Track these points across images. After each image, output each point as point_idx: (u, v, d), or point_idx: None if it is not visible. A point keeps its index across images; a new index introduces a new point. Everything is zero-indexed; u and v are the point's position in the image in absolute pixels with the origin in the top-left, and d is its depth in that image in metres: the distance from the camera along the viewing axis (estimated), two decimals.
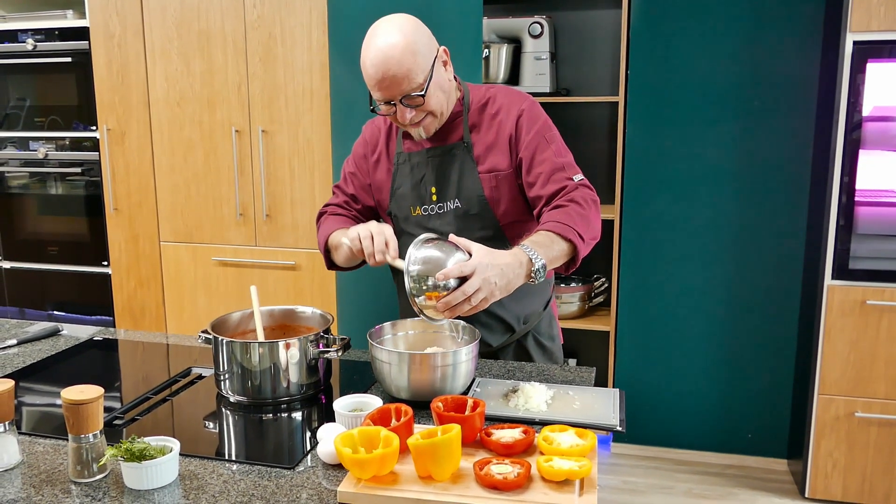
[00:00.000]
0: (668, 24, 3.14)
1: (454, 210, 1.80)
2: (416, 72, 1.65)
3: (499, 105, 1.80)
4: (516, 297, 1.78)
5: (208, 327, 1.69)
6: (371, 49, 1.66)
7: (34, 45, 3.43)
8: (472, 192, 1.78)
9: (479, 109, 1.81)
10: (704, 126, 3.18)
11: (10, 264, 3.74)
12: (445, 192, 1.81)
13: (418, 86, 1.67)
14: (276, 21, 3.12)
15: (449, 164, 1.80)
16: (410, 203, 1.84)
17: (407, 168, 1.84)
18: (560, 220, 1.62)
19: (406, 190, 1.84)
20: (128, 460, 1.25)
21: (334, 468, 1.34)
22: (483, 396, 1.60)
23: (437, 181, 1.81)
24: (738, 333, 3.29)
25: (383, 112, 1.72)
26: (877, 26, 2.67)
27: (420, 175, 1.82)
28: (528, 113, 1.78)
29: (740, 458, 3.39)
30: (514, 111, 1.78)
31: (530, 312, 1.92)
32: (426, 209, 1.82)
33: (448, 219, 1.81)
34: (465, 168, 1.79)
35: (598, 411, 1.54)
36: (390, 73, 1.64)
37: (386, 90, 1.66)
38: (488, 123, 1.80)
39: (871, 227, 2.82)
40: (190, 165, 3.35)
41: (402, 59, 1.63)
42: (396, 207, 1.86)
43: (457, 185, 1.79)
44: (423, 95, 1.68)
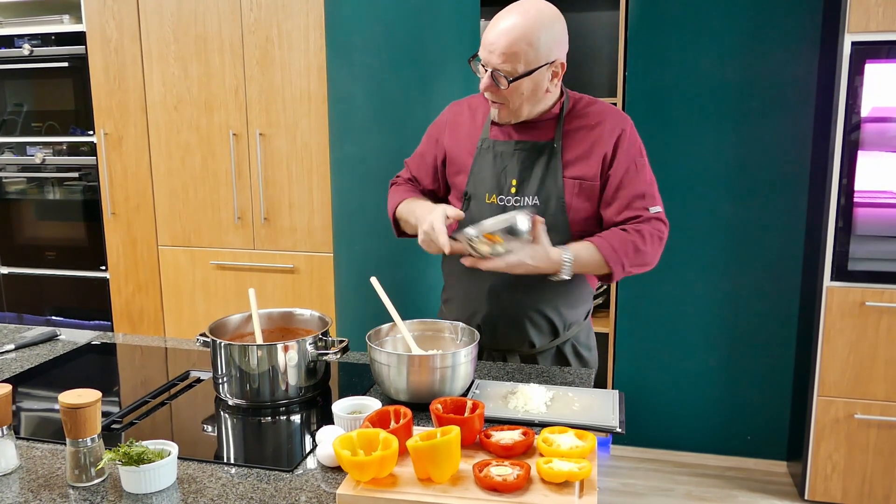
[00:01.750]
0: (665, 25, 3.14)
1: (532, 206, 1.80)
2: (519, 60, 1.68)
3: (600, 119, 1.82)
4: (568, 303, 1.86)
5: (206, 330, 1.68)
6: (505, 13, 1.70)
7: (31, 51, 3.43)
8: (552, 193, 1.79)
9: (577, 117, 1.83)
10: (703, 127, 3.18)
11: (8, 270, 3.73)
12: (525, 187, 1.81)
13: (513, 72, 1.69)
14: (273, 24, 3.12)
15: (534, 161, 1.81)
16: (488, 189, 1.84)
17: (490, 154, 1.84)
18: (614, 245, 1.74)
19: (486, 175, 1.84)
20: (126, 464, 1.24)
21: (333, 471, 1.33)
22: (482, 398, 1.59)
23: (519, 174, 1.81)
24: (737, 335, 3.29)
25: (476, 68, 1.75)
26: (875, 27, 2.67)
27: (503, 165, 1.83)
28: (628, 135, 1.81)
29: (740, 460, 3.38)
30: (615, 129, 1.80)
31: (574, 321, 1.93)
32: (502, 199, 1.82)
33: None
34: (550, 168, 1.80)
35: (597, 413, 1.53)
36: (497, 44, 1.67)
37: (488, 54, 1.69)
38: (585, 133, 1.81)
39: (870, 229, 2.82)
40: (188, 169, 3.35)
41: (515, 41, 1.66)
42: (473, 189, 1.86)
43: (539, 183, 1.80)
44: (511, 82, 1.70)
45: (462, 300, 1.92)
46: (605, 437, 3.66)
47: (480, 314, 1.89)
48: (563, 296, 1.86)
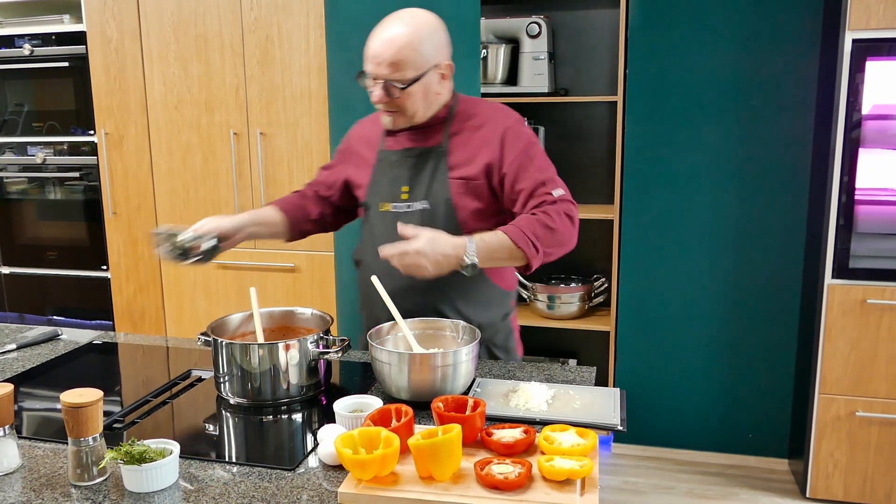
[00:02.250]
0: (666, 23, 3.14)
1: (421, 210, 1.83)
2: (408, 66, 1.73)
3: (484, 119, 1.85)
4: (473, 304, 1.87)
5: (208, 330, 1.69)
6: (383, 25, 1.75)
7: (31, 51, 3.43)
8: (440, 195, 1.83)
9: (464, 119, 1.86)
10: (703, 125, 3.18)
11: (9, 269, 3.73)
12: (416, 192, 1.85)
13: (403, 80, 1.74)
14: (274, 23, 3.12)
15: (423, 166, 1.85)
16: (382, 198, 1.89)
17: (386, 165, 1.90)
18: (521, 227, 1.70)
19: (382, 185, 1.89)
20: (128, 463, 1.24)
21: (335, 469, 1.34)
22: (483, 396, 1.59)
23: (409, 180, 1.86)
24: (739, 333, 3.29)
25: (359, 81, 1.80)
26: (876, 24, 2.67)
27: (395, 173, 1.88)
28: (513, 131, 1.82)
29: (741, 458, 3.38)
30: (499, 127, 1.83)
31: (487, 323, 1.91)
32: (395, 206, 1.86)
33: (414, 218, 1.83)
34: (437, 171, 1.83)
35: (598, 411, 1.53)
36: (383, 55, 1.72)
37: (375, 67, 1.74)
38: (470, 134, 1.84)
39: (871, 226, 2.82)
40: (188, 169, 3.35)
41: (401, 49, 1.72)
42: (370, 200, 1.92)
43: (427, 187, 1.84)
44: (403, 90, 1.74)
45: (369, 307, 1.94)
46: (606, 435, 3.67)
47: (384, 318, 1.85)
48: (464, 297, 1.86)
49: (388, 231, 1.83)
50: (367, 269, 1.90)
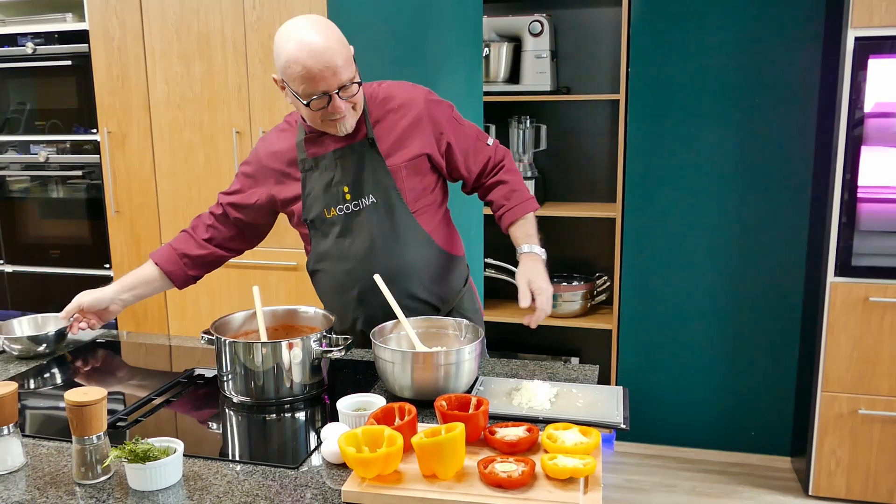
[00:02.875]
0: (668, 21, 3.14)
1: (370, 205, 1.83)
2: (349, 63, 1.71)
3: (400, 100, 1.86)
4: (437, 280, 1.92)
5: (211, 328, 1.69)
6: (305, 44, 1.65)
7: (34, 49, 3.43)
8: (384, 186, 1.83)
9: (379, 105, 1.86)
10: (706, 123, 3.17)
11: (12, 268, 3.74)
12: (359, 189, 1.83)
13: (353, 75, 1.72)
14: (276, 22, 3.12)
15: (357, 162, 1.83)
16: (324, 206, 1.85)
17: (315, 173, 1.85)
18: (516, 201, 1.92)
19: (317, 194, 1.85)
20: (132, 461, 1.25)
21: (338, 468, 1.34)
22: (486, 395, 1.59)
23: (348, 180, 1.83)
24: (741, 331, 3.29)
25: (316, 107, 1.71)
26: (878, 22, 2.66)
27: (329, 177, 1.84)
28: (432, 103, 1.88)
29: (744, 455, 3.39)
30: (418, 102, 1.86)
31: (450, 292, 1.98)
32: (341, 209, 1.84)
33: (364, 215, 1.84)
34: (374, 163, 1.83)
35: (601, 409, 1.53)
36: (332, 64, 1.66)
37: (324, 81, 1.67)
38: (392, 118, 1.85)
39: (874, 224, 2.82)
40: (191, 167, 3.35)
41: (339, 51, 1.68)
42: (309, 213, 1.87)
43: (370, 181, 1.83)
44: (360, 84, 1.74)
45: (340, 314, 1.92)
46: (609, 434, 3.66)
47: (361, 319, 1.92)
48: (431, 275, 1.91)
49: (341, 234, 1.85)
50: (327, 275, 1.91)
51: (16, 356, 1.94)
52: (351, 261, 1.85)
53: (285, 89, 1.75)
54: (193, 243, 2.00)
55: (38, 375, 1.84)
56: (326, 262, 1.90)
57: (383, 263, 1.83)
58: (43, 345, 1.94)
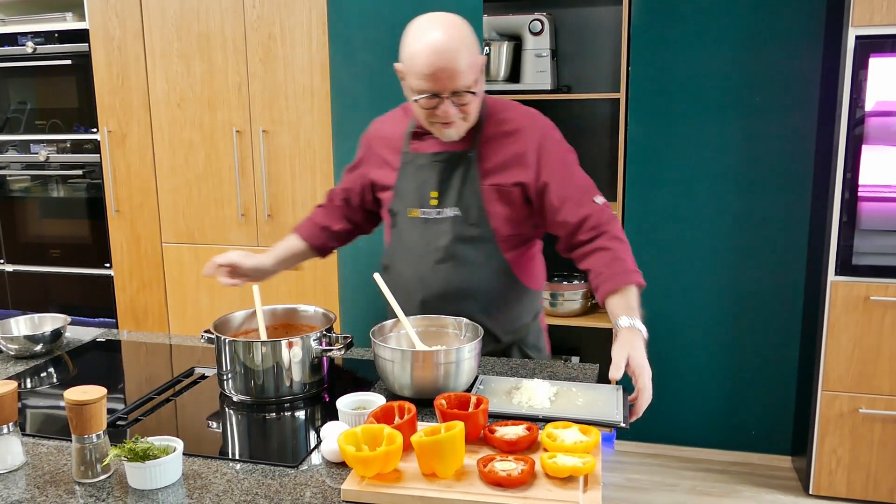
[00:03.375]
0: (668, 19, 3.13)
1: (452, 217, 1.80)
2: (472, 69, 1.67)
3: (517, 125, 1.80)
4: (505, 309, 1.86)
5: (211, 327, 1.69)
6: (430, 40, 1.64)
7: (34, 48, 3.43)
8: (471, 202, 1.79)
9: (495, 124, 1.81)
10: (706, 122, 3.17)
11: (12, 267, 3.74)
12: (446, 198, 1.81)
13: (471, 83, 1.67)
14: (276, 21, 3.12)
15: (452, 171, 1.80)
16: (409, 203, 1.84)
17: (412, 168, 1.84)
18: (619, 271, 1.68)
19: (408, 189, 1.84)
20: (131, 460, 1.25)
21: (338, 466, 1.34)
22: (486, 393, 1.59)
23: (438, 185, 1.81)
24: (742, 330, 3.29)
25: (424, 105, 1.69)
26: (879, 20, 2.66)
27: (423, 177, 1.82)
28: (549, 139, 1.80)
29: (744, 455, 3.38)
30: (535, 135, 1.79)
31: (518, 325, 1.93)
32: (424, 212, 1.83)
33: (446, 225, 1.81)
34: (468, 177, 1.79)
35: (601, 408, 1.53)
36: (450, 66, 1.63)
37: (439, 82, 1.64)
38: (502, 140, 1.79)
39: (875, 223, 2.81)
40: (191, 166, 3.35)
41: (462, 55, 1.64)
42: (397, 205, 1.87)
43: (458, 193, 1.79)
44: (475, 94, 1.69)
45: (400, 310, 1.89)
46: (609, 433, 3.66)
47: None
48: (498, 302, 1.86)
49: (418, 237, 1.82)
50: (398, 274, 1.87)
51: (12, 356, 1.94)
52: (422, 266, 1.82)
53: (404, 81, 1.74)
54: (332, 217, 2.04)
55: (37, 374, 1.84)
56: (398, 261, 1.88)
57: (451, 278, 1.80)
58: (39, 344, 1.94)
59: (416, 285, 1.83)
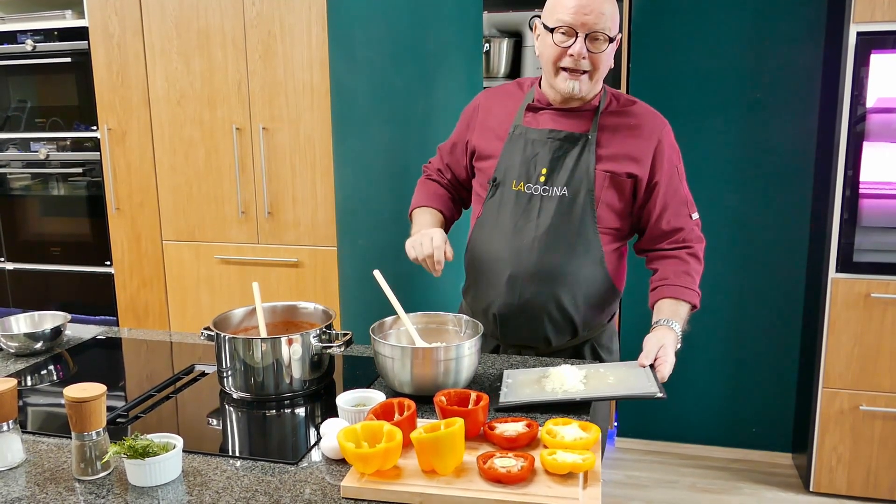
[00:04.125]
0: (669, 16, 3.13)
1: (560, 196, 1.79)
2: (613, 19, 1.72)
3: (641, 120, 1.83)
4: (591, 301, 1.85)
5: (211, 324, 1.69)
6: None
7: (33, 46, 3.43)
8: (582, 184, 1.78)
9: (615, 114, 1.83)
10: (707, 119, 3.17)
11: (13, 265, 3.74)
12: (555, 177, 1.80)
13: (610, 31, 1.72)
14: (276, 18, 3.12)
15: (566, 151, 1.80)
16: (516, 176, 1.82)
17: (521, 142, 1.83)
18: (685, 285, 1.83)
19: (515, 162, 1.83)
20: (131, 457, 1.25)
21: (338, 463, 1.34)
22: (516, 387, 1.59)
23: (550, 163, 1.80)
24: (742, 327, 3.29)
25: (559, 41, 1.72)
26: (880, 17, 2.66)
27: (533, 152, 1.81)
28: (670, 140, 1.84)
29: (744, 452, 3.38)
30: (656, 132, 1.82)
31: (597, 322, 1.92)
32: (530, 187, 1.81)
33: (551, 203, 1.79)
34: (582, 159, 1.78)
35: (634, 382, 1.55)
36: (598, 8, 1.69)
37: (581, 18, 1.69)
38: (622, 130, 1.81)
39: (876, 220, 2.81)
40: (191, 164, 3.35)
41: (609, 5, 1.71)
42: (502, 175, 1.84)
43: (570, 173, 1.79)
44: (612, 41, 1.73)
45: (479, 290, 1.89)
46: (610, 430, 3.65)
47: (497, 304, 1.85)
48: (586, 293, 1.84)
49: (520, 212, 1.81)
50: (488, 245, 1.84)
51: (13, 353, 1.94)
52: (518, 241, 1.80)
53: (536, 31, 1.79)
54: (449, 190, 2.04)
55: (37, 372, 1.84)
56: (491, 233, 1.84)
57: (547, 258, 1.79)
58: (40, 342, 1.94)
59: (507, 259, 1.80)
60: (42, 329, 1.97)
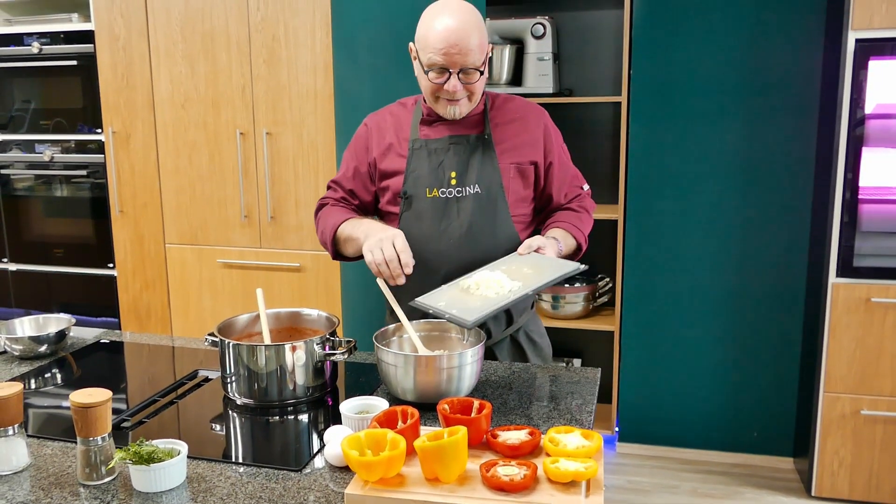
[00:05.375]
0: (669, 23, 3.14)
1: (474, 195, 1.88)
2: (481, 50, 1.79)
3: (522, 112, 1.97)
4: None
5: (215, 330, 1.70)
6: (446, 18, 1.77)
7: (40, 49, 3.45)
8: (492, 180, 1.89)
9: (501, 113, 1.95)
10: (707, 125, 3.18)
11: (16, 266, 3.75)
12: (465, 178, 1.89)
13: (479, 64, 1.79)
14: (280, 23, 3.13)
15: (470, 153, 1.90)
16: (427, 185, 1.90)
17: (424, 153, 1.91)
18: (575, 223, 1.95)
19: (423, 173, 1.90)
20: (136, 463, 1.26)
21: (341, 470, 1.35)
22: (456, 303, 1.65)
23: (457, 166, 1.89)
24: (743, 332, 3.29)
25: (434, 79, 1.80)
26: (879, 24, 2.67)
27: (438, 160, 1.90)
28: (551, 125, 1.98)
29: (746, 456, 3.39)
30: (540, 120, 1.96)
31: (524, 309, 2.02)
32: (444, 191, 1.89)
33: (466, 203, 1.88)
34: (486, 158, 1.89)
35: (550, 264, 1.70)
36: (463, 43, 1.75)
37: (450, 58, 1.76)
38: (511, 125, 1.94)
39: (875, 225, 2.82)
40: (195, 167, 3.36)
41: (475, 34, 1.77)
42: (412, 188, 1.91)
43: (478, 172, 1.88)
44: (482, 73, 1.81)
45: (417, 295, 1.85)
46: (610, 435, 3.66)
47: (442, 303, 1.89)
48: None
49: (440, 216, 1.88)
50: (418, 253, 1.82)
51: (17, 356, 1.96)
52: (444, 243, 1.88)
53: (416, 59, 1.86)
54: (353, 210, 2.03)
55: (41, 375, 1.85)
56: (416, 240, 1.85)
57: (475, 252, 1.87)
58: (44, 345, 1.95)
59: (439, 261, 1.87)
60: (46, 332, 1.98)
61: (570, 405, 1.61)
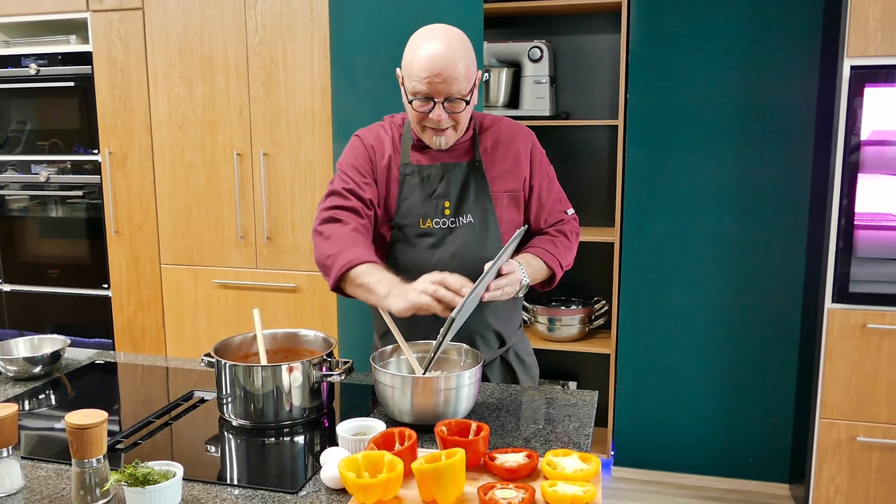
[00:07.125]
0: (666, 48, 3.17)
1: (467, 224, 1.84)
2: (468, 79, 1.73)
3: (511, 135, 1.91)
4: (507, 316, 1.94)
5: (211, 351, 1.69)
6: (431, 45, 1.70)
7: (37, 70, 3.46)
8: (484, 210, 1.85)
9: (490, 135, 1.90)
10: (704, 149, 3.20)
11: (10, 287, 3.74)
12: (459, 208, 1.85)
13: (465, 93, 1.73)
14: (279, 45, 3.15)
15: (463, 180, 1.85)
16: (420, 215, 1.84)
17: (416, 179, 1.85)
18: (548, 249, 1.88)
19: (415, 201, 1.84)
20: (131, 485, 1.24)
21: (338, 493, 1.34)
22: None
23: (451, 196, 1.84)
24: (739, 357, 3.29)
25: (418, 108, 1.74)
26: (874, 51, 2.69)
27: (431, 189, 1.84)
28: (537, 148, 1.94)
29: (741, 482, 3.37)
30: (528, 143, 1.92)
31: (511, 330, 2.01)
32: (437, 222, 1.84)
33: (459, 233, 1.84)
34: (478, 186, 1.85)
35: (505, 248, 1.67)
36: (447, 72, 1.69)
37: (434, 86, 1.70)
38: (501, 148, 1.89)
39: (871, 251, 2.83)
40: (191, 188, 3.37)
41: (460, 63, 1.70)
42: (403, 218, 1.85)
43: (472, 201, 1.84)
44: (468, 102, 1.75)
45: (408, 328, 1.79)
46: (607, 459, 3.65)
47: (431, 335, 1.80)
48: (504, 309, 1.93)
49: (434, 248, 1.83)
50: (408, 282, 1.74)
51: (11, 377, 1.94)
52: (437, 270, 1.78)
53: (402, 86, 1.78)
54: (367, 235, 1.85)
55: (35, 396, 1.84)
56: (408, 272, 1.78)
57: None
58: (39, 366, 1.94)
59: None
60: (41, 353, 1.97)
61: (567, 428, 1.60)
